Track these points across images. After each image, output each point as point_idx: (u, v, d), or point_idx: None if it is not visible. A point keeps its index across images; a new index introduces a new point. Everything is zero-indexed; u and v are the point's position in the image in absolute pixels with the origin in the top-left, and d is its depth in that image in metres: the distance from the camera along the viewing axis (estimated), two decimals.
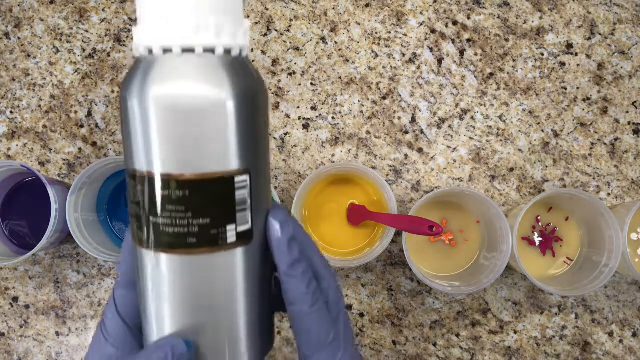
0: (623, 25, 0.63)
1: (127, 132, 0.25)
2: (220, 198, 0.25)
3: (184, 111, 0.24)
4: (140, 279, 0.27)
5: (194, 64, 0.24)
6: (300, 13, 0.63)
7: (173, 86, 0.24)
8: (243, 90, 0.24)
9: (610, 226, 0.55)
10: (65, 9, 0.64)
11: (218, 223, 0.25)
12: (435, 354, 0.61)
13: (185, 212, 0.25)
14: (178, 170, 0.24)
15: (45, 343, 0.62)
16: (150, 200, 0.25)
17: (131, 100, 0.24)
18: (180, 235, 0.25)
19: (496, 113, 0.63)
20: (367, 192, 0.60)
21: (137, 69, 0.25)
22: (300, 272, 0.28)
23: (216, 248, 0.25)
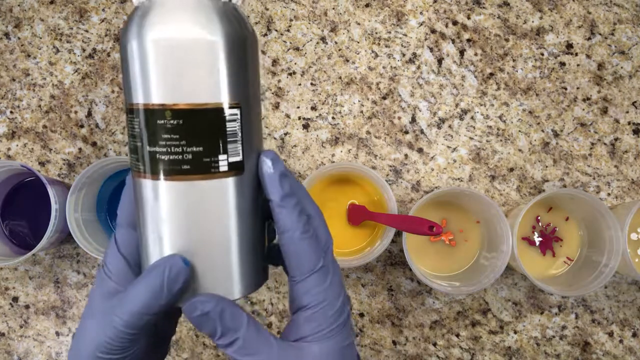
0: (623, 25, 0.63)
1: (127, 71, 0.27)
2: (212, 128, 0.27)
3: (178, 49, 0.26)
4: (140, 208, 0.29)
5: (188, 6, 0.26)
6: (300, 13, 0.63)
7: (169, 27, 0.26)
8: (232, 32, 0.27)
9: (610, 226, 0.55)
10: (65, 9, 0.64)
11: (210, 152, 0.27)
12: (435, 354, 0.61)
13: (180, 140, 0.27)
14: (173, 101, 0.26)
15: (45, 343, 0.62)
16: (148, 131, 0.27)
17: (131, 42, 0.27)
18: (176, 162, 0.27)
19: (496, 113, 0.63)
20: (367, 192, 0.60)
21: (136, 14, 0.27)
22: (292, 203, 0.30)
23: (209, 175, 0.28)
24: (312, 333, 0.30)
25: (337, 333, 0.31)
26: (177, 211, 0.28)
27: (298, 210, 0.30)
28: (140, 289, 0.29)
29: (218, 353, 0.62)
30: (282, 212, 0.30)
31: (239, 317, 0.29)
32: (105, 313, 0.30)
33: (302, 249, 0.30)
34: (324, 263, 0.31)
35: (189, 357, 0.62)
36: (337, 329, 0.31)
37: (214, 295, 0.29)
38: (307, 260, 0.30)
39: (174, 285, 0.28)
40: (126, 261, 0.31)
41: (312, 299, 0.30)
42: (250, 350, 0.29)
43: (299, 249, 0.30)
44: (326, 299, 0.30)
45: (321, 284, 0.30)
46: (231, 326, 0.29)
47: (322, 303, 0.30)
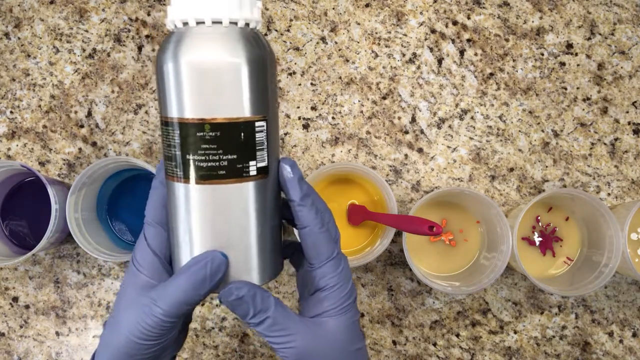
0: (623, 25, 0.63)
1: (163, 89, 0.31)
2: (244, 138, 0.31)
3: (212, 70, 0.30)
4: (174, 210, 0.33)
5: (217, 33, 0.30)
6: (300, 13, 0.63)
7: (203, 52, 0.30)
8: (254, 55, 0.31)
9: (610, 226, 0.55)
10: (65, 9, 0.64)
11: (243, 159, 0.32)
12: (435, 354, 0.61)
13: (217, 149, 0.31)
14: (211, 115, 0.31)
15: (45, 343, 0.62)
16: (186, 141, 0.31)
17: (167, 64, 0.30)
18: (213, 169, 0.31)
19: (496, 113, 0.63)
20: (367, 192, 0.60)
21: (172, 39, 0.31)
22: (310, 203, 0.35)
23: (241, 179, 0.32)
24: (328, 309, 0.35)
25: (348, 310, 0.36)
26: (212, 211, 0.32)
27: (315, 208, 0.35)
28: (183, 281, 0.32)
29: (218, 353, 0.62)
30: (302, 210, 0.35)
31: (267, 299, 0.34)
32: (143, 304, 0.33)
33: (320, 241, 0.35)
34: (337, 252, 0.36)
35: (189, 357, 0.62)
36: (348, 307, 0.36)
37: (247, 282, 0.33)
38: (324, 250, 0.35)
39: (215, 275, 0.32)
40: (156, 256, 0.35)
41: (328, 281, 0.35)
42: (279, 327, 0.34)
43: (317, 241, 0.35)
44: (340, 281, 0.36)
45: (335, 270, 0.36)
46: (262, 307, 0.33)
47: (336, 285, 0.35)
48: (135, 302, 0.34)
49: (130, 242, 0.61)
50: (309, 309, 0.36)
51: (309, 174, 0.58)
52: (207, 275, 0.32)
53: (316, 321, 0.35)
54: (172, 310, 0.33)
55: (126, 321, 0.34)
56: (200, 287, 0.32)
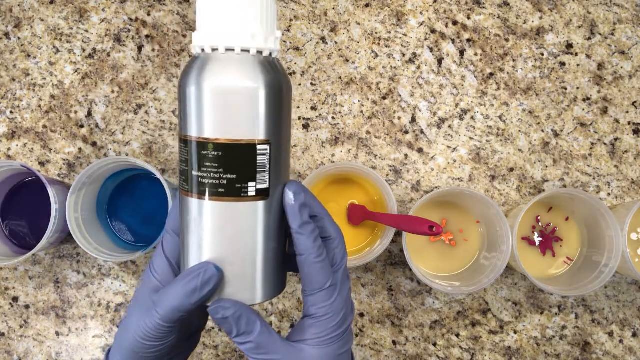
0: (623, 25, 0.63)
1: (184, 109, 0.33)
2: (245, 160, 0.33)
3: (228, 94, 0.32)
4: (183, 221, 0.35)
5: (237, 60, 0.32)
6: (300, 13, 0.63)
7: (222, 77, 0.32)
8: (271, 81, 0.33)
9: (610, 226, 0.55)
10: (65, 9, 0.64)
11: (242, 179, 0.33)
12: (435, 354, 0.61)
13: (218, 168, 0.33)
14: (215, 136, 0.32)
15: (45, 343, 0.62)
16: (194, 158, 0.33)
17: (190, 87, 0.33)
18: (214, 186, 0.33)
19: (496, 113, 0.63)
20: (367, 192, 0.60)
21: (195, 64, 0.33)
22: (309, 231, 0.35)
23: (239, 198, 0.33)
24: (312, 338, 0.35)
25: (335, 341, 0.35)
26: (212, 225, 0.34)
27: (314, 237, 0.35)
28: (177, 289, 0.34)
29: (218, 353, 0.62)
30: (299, 238, 0.35)
31: (253, 323, 0.34)
32: (148, 307, 0.35)
33: (314, 271, 0.35)
34: (332, 282, 0.35)
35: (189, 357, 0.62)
36: (336, 338, 0.35)
37: (235, 303, 0.34)
38: (317, 280, 0.35)
39: (205, 287, 0.33)
40: (169, 263, 0.37)
41: (317, 310, 0.35)
42: (262, 351, 0.34)
43: (311, 270, 0.35)
44: (329, 312, 0.35)
45: (326, 301, 0.35)
46: (246, 330, 0.34)
47: (325, 316, 0.35)
48: (144, 304, 0.36)
49: (130, 242, 0.61)
50: (296, 332, 0.36)
51: (309, 174, 0.58)
52: (197, 286, 0.33)
53: (299, 347, 0.35)
54: (168, 316, 0.34)
55: (134, 321, 0.35)
56: (191, 296, 0.33)
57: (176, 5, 0.64)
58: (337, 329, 0.36)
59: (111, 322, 0.62)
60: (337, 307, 0.35)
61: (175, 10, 0.64)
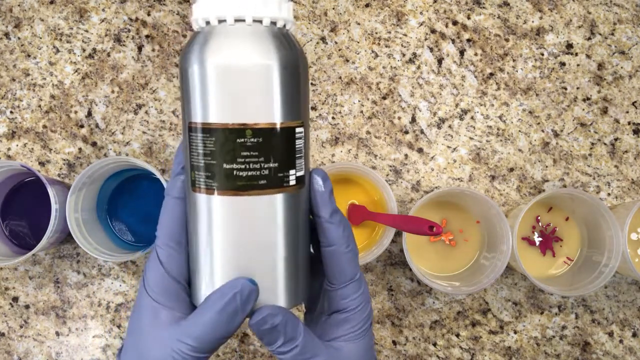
0: (623, 25, 0.63)
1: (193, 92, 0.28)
2: (285, 145, 0.29)
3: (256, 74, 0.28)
4: (200, 228, 0.30)
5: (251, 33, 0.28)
6: (300, 13, 0.63)
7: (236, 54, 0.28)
8: (289, 57, 0.29)
9: (610, 226, 0.55)
10: (65, 9, 0.64)
11: (284, 167, 0.29)
12: (435, 354, 0.61)
13: (258, 157, 0.28)
14: (253, 120, 0.28)
15: (45, 343, 0.62)
16: (225, 149, 0.28)
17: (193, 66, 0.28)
18: (254, 178, 0.29)
19: (496, 113, 0.63)
20: (367, 192, 0.60)
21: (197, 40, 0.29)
22: (338, 219, 0.33)
23: (281, 189, 0.29)
24: (347, 333, 0.34)
25: (366, 333, 0.34)
26: (245, 226, 0.29)
27: (343, 226, 0.33)
28: (214, 315, 0.29)
29: (218, 353, 0.62)
30: (330, 228, 0.32)
31: (297, 326, 0.31)
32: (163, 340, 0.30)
33: (345, 261, 0.33)
34: (360, 276, 0.34)
35: None
36: (367, 330, 0.35)
37: (280, 308, 0.31)
38: (348, 271, 0.33)
39: (246, 306, 0.30)
40: (175, 281, 0.31)
41: (350, 303, 0.34)
42: (306, 356, 0.32)
43: (342, 261, 0.33)
44: (361, 303, 0.34)
45: (357, 291, 0.34)
46: (292, 336, 0.31)
47: (357, 307, 0.34)
48: (159, 339, 0.30)
49: (130, 242, 0.61)
50: (326, 331, 0.34)
51: None
52: (238, 308, 0.29)
53: (335, 345, 0.33)
54: (205, 347, 0.30)
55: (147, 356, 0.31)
56: (232, 321, 0.30)
57: (176, 5, 0.64)
58: (367, 320, 0.34)
59: (111, 322, 0.62)
60: (365, 298, 0.34)
61: (175, 10, 0.64)
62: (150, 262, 0.32)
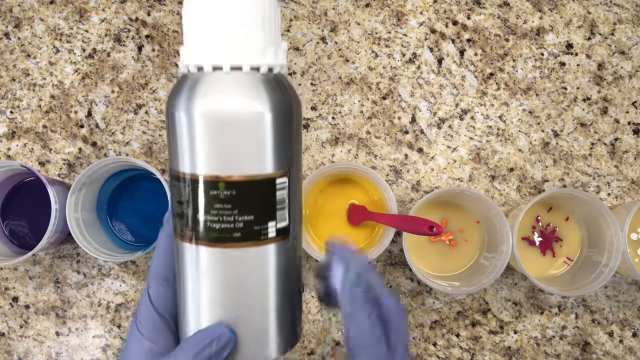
0: (623, 25, 0.63)
1: (174, 139, 0.28)
2: (263, 197, 0.28)
3: (231, 122, 0.27)
4: (182, 272, 0.29)
5: (237, 78, 0.27)
6: (300, 13, 0.63)
7: (220, 100, 0.27)
8: (279, 103, 0.27)
9: (610, 226, 0.55)
10: (65, 9, 0.64)
11: (261, 220, 0.28)
12: (435, 354, 0.61)
13: (232, 209, 0.27)
14: (227, 173, 0.27)
15: (45, 343, 0.62)
16: (198, 200, 0.27)
17: (179, 112, 0.27)
18: (227, 230, 0.28)
19: (496, 113, 0.63)
20: (367, 192, 0.60)
21: (185, 84, 0.28)
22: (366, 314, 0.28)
23: (258, 242, 0.28)
24: None
25: None
26: (224, 277, 0.29)
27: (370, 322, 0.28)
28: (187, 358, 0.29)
29: None
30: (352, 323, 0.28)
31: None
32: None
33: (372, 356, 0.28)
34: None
35: None
36: None
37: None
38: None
39: (221, 354, 0.28)
40: (162, 318, 0.31)
41: None
42: None
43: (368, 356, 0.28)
44: None
45: None
46: None
47: None
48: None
49: (130, 242, 0.61)
50: None
51: (309, 174, 0.58)
52: (212, 354, 0.28)
53: None
54: None
55: None
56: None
57: (176, 5, 0.64)
58: None
59: (111, 322, 0.62)
60: None
61: (175, 10, 0.64)
62: (142, 295, 0.32)
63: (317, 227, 0.60)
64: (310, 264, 0.60)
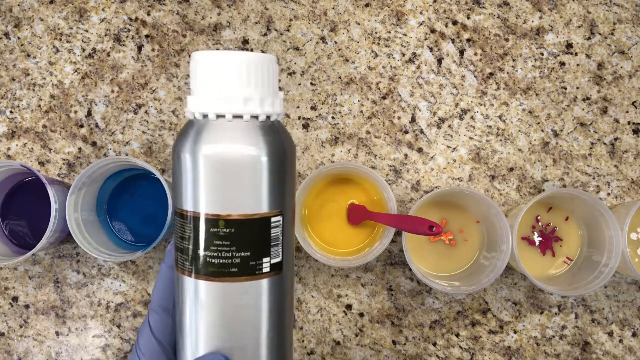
0: (623, 25, 0.63)
1: (179, 179, 0.30)
2: (259, 235, 0.30)
3: (232, 164, 0.29)
4: (182, 303, 0.32)
5: (237, 126, 0.30)
6: (300, 13, 0.63)
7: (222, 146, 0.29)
8: (275, 148, 0.30)
9: (610, 226, 0.55)
10: (65, 9, 0.64)
11: (257, 256, 0.30)
12: (435, 354, 0.61)
13: (231, 246, 0.30)
14: (226, 212, 0.29)
15: (45, 343, 0.62)
16: (200, 236, 0.30)
17: (185, 155, 0.30)
18: (225, 266, 0.30)
19: (496, 113, 0.63)
20: (367, 192, 0.60)
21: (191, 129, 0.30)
22: None
23: (254, 277, 0.30)
24: None
25: None
26: (221, 309, 0.31)
27: None
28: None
29: None
30: None
31: None
32: None
33: None
34: None
35: None
36: None
37: None
38: None
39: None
40: (161, 346, 0.33)
41: None
42: None
43: None
44: None
45: None
46: None
47: None
48: None
49: (130, 242, 0.61)
50: None
51: (309, 174, 0.58)
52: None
53: None
54: None
55: None
56: None
57: (176, 5, 0.64)
58: None
59: (111, 322, 0.62)
60: None
61: (175, 10, 0.64)
62: (143, 323, 0.34)
63: (317, 227, 0.60)
64: None
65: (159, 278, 0.34)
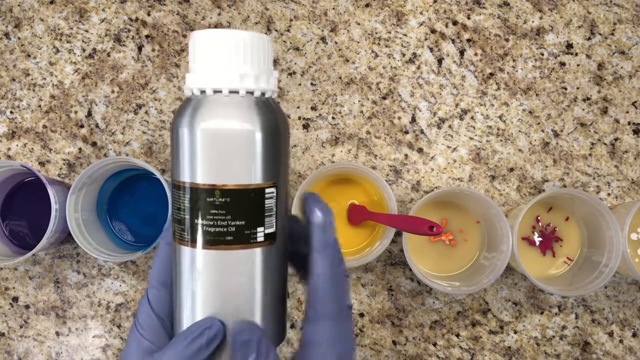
0: (623, 25, 0.63)
1: (177, 153, 0.32)
2: (253, 204, 0.32)
3: (228, 137, 0.31)
4: (179, 273, 0.33)
5: (233, 101, 0.31)
6: (300, 13, 0.63)
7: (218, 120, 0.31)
8: (268, 122, 0.32)
9: (610, 226, 0.55)
10: (65, 9, 0.64)
11: (251, 225, 0.32)
12: (435, 354, 0.61)
13: (226, 215, 0.31)
14: (222, 182, 0.31)
15: (45, 343, 0.62)
16: (196, 206, 0.31)
17: (183, 129, 0.31)
18: (221, 234, 0.31)
19: (496, 113, 0.63)
20: (367, 192, 0.60)
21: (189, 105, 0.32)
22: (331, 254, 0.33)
23: (248, 245, 0.32)
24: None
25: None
26: (217, 276, 0.32)
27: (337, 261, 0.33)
28: (180, 349, 0.32)
29: None
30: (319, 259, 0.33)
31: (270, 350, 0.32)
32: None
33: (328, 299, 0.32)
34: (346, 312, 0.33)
35: None
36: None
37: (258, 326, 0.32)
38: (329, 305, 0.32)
39: (212, 344, 0.31)
40: (159, 319, 0.34)
41: None
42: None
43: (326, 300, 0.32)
44: None
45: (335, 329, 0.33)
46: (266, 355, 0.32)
47: None
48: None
49: (130, 242, 0.61)
50: None
51: (309, 174, 0.58)
52: (203, 344, 0.31)
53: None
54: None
55: None
56: (197, 355, 0.31)
57: (176, 5, 0.64)
58: None
59: (111, 322, 0.62)
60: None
61: (175, 10, 0.64)
62: (142, 298, 0.35)
63: None
64: None
65: (157, 254, 0.35)
